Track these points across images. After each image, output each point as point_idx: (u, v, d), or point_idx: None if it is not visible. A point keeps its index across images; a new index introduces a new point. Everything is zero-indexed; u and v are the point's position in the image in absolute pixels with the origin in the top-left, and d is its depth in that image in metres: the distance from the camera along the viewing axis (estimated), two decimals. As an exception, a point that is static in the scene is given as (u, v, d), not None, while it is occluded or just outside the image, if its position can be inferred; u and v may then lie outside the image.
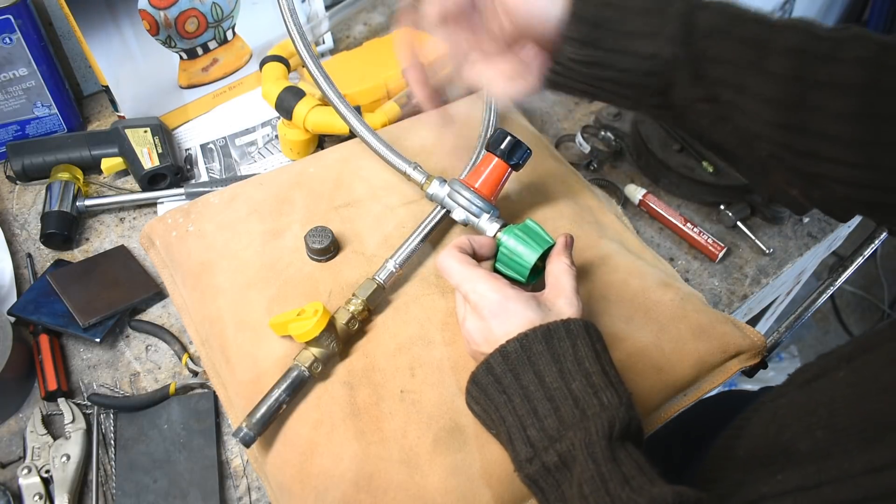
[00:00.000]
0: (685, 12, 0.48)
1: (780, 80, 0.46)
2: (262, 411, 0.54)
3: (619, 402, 0.46)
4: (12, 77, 0.81)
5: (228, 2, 0.89)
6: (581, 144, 0.87)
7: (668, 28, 0.48)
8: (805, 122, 0.46)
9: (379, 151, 0.68)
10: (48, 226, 0.77)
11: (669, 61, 0.48)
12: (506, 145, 0.60)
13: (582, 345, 0.48)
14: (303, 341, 0.56)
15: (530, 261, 0.57)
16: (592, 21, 0.49)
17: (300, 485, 0.54)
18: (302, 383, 0.56)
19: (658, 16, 0.48)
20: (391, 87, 0.88)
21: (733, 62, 0.47)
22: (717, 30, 0.48)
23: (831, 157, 0.46)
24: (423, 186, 0.65)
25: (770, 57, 0.46)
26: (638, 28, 0.49)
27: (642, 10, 0.49)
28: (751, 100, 0.47)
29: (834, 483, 0.38)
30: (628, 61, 0.49)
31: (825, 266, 1.91)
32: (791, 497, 0.41)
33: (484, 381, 0.49)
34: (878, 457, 0.37)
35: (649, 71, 0.49)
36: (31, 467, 0.62)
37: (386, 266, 0.61)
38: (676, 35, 0.48)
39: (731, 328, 0.63)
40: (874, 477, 0.37)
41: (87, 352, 0.71)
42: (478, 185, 0.62)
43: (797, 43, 0.46)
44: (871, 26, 2.26)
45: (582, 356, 0.48)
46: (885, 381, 0.42)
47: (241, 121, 0.93)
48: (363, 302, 0.59)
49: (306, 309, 0.57)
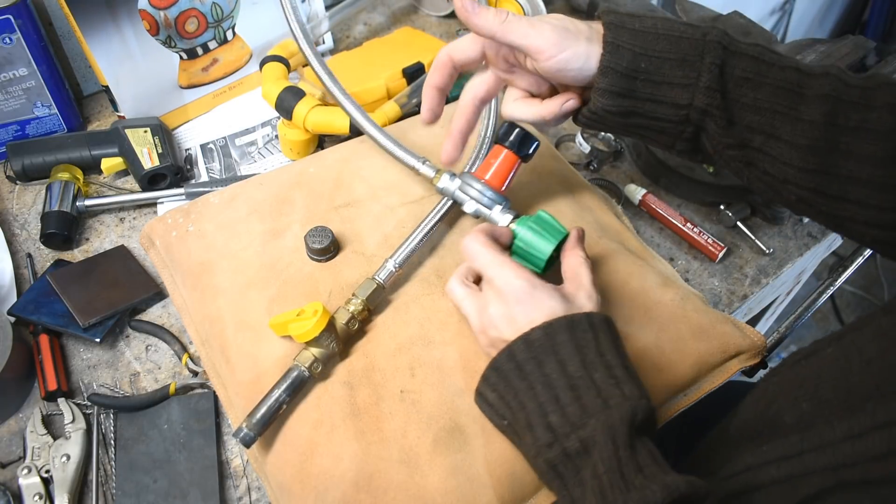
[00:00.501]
0: (720, 62, 0.49)
1: (812, 126, 0.47)
2: (262, 411, 0.54)
3: (640, 395, 0.46)
4: (12, 77, 0.81)
5: (228, 2, 0.89)
6: (581, 144, 0.88)
7: (703, 78, 0.49)
8: (835, 167, 0.48)
9: (387, 147, 0.68)
10: (48, 226, 0.77)
11: (703, 110, 0.49)
12: (515, 136, 0.61)
13: (604, 338, 0.48)
14: (303, 341, 0.56)
15: (546, 252, 0.58)
16: (628, 73, 0.50)
17: (300, 485, 0.54)
18: (302, 383, 0.56)
19: (693, 65, 0.49)
20: (391, 87, 0.88)
21: (767, 109, 0.49)
22: (751, 78, 0.49)
23: (860, 199, 0.48)
24: (432, 181, 0.65)
25: (803, 104, 0.48)
26: (673, 78, 0.50)
27: (678, 61, 0.49)
28: (782, 145, 0.49)
29: (815, 451, 0.39)
30: (663, 110, 0.50)
31: (825, 266, 1.91)
32: (774, 465, 0.42)
33: (506, 367, 0.49)
34: (857, 424, 0.38)
35: (683, 119, 0.51)
36: (31, 467, 0.62)
37: (386, 266, 0.61)
38: (712, 84, 0.49)
39: (731, 328, 0.63)
40: (853, 443, 0.37)
41: (87, 352, 0.71)
42: (488, 177, 0.62)
43: (830, 90, 0.48)
44: (870, 26, 2.26)
45: (604, 349, 0.48)
46: (869, 354, 0.43)
47: (241, 121, 0.93)
48: (363, 302, 0.59)
49: (306, 309, 0.57)
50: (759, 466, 0.43)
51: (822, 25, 2.33)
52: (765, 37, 0.77)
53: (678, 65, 0.49)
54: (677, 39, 0.50)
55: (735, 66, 0.49)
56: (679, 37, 0.50)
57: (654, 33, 0.50)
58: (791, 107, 0.48)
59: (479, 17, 0.52)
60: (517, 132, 0.61)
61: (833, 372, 0.45)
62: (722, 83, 0.49)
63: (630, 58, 0.50)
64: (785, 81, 0.49)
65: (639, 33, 0.50)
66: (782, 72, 0.49)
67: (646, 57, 0.50)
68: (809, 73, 0.49)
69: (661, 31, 0.50)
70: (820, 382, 0.45)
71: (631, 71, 0.50)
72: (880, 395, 0.39)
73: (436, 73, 0.58)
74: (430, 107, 0.61)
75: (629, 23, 0.51)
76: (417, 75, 0.88)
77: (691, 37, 0.50)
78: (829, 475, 0.38)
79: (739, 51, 0.50)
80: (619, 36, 0.50)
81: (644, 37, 0.50)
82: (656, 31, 0.50)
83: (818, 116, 0.47)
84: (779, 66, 0.49)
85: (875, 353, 0.43)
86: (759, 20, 1.66)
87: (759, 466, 0.43)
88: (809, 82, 0.49)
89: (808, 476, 0.39)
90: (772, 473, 0.42)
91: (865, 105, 0.47)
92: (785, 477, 0.41)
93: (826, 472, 0.38)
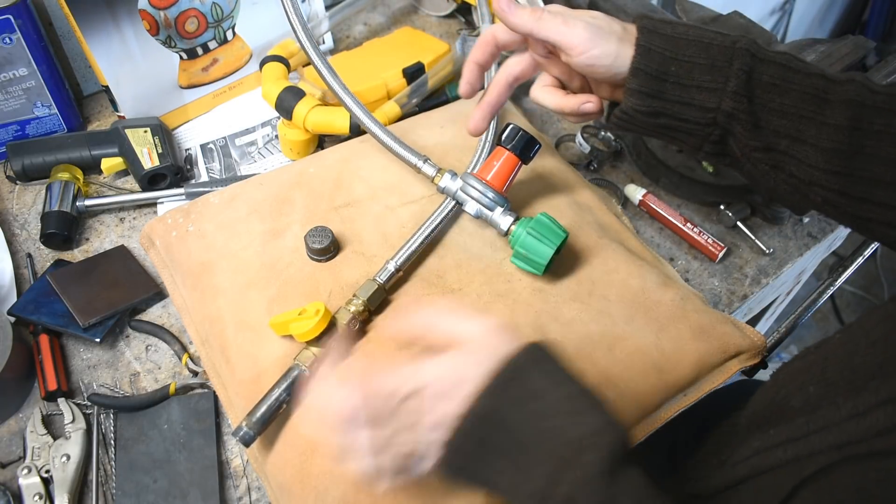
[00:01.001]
0: (748, 68, 0.50)
1: (838, 129, 0.49)
2: (262, 410, 0.54)
3: (607, 423, 0.41)
4: (12, 77, 0.81)
5: (228, 2, 0.89)
6: (581, 144, 0.88)
7: (731, 83, 0.50)
8: (860, 170, 0.49)
9: (389, 146, 0.69)
10: (48, 226, 0.77)
11: (730, 113, 0.51)
12: (518, 139, 0.62)
13: (539, 377, 0.43)
14: (303, 341, 0.56)
15: (546, 256, 0.59)
16: (657, 75, 0.52)
17: (300, 485, 0.54)
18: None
19: (722, 71, 0.51)
20: (391, 87, 0.88)
21: (793, 114, 0.50)
22: (778, 84, 0.50)
23: (884, 201, 0.49)
24: (433, 180, 0.66)
25: (829, 109, 0.49)
26: (702, 82, 0.51)
27: (707, 67, 0.51)
28: (808, 148, 0.50)
29: (821, 431, 0.40)
30: (691, 112, 0.52)
31: (825, 266, 1.91)
32: (781, 448, 0.42)
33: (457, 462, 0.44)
34: (861, 402, 0.39)
35: (711, 122, 0.52)
36: (31, 467, 0.62)
37: (387, 267, 0.61)
38: (739, 89, 0.50)
39: (731, 328, 0.63)
40: (857, 421, 0.38)
41: (87, 352, 0.71)
42: (489, 178, 0.63)
43: (855, 95, 0.49)
44: (870, 26, 2.26)
45: (542, 390, 0.43)
46: (874, 336, 0.44)
47: (240, 121, 0.93)
48: (364, 303, 0.59)
49: (307, 309, 0.57)
50: (767, 450, 0.44)
51: (822, 25, 2.33)
52: (765, 37, 0.77)
53: (707, 70, 0.51)
54: (707, 46, 0.51)
55: (763, 72, 0.51)
56: (709, 43, 0.52)
57: (684, 39, 0.52)
58: (817, 112, 0.50)
59: (516, 16, 0.55)
60: (520, 135, 0.62)
61: (839, 355, 0.46)
62: (749, 88, 0.50)
63: (660, 60, 0.51)
64: (811, 87, 0.50)
65: (670, 38, 0.52)
66: (808, 78, 0.50)
67: (676, 61, 0.51)
68: (835, 79, 0.51)
69: (692, 37, 0.52)
70: (827, 366, 0.46)
71: (661, 73, 0.52)
72: (883, 375, 0.40)
73: (479, 49, 0.61)
74: (468, 80, 0.62)
75: (662, 28, 0.52)
76: (417, 75, 0.88)
77: (721, 44, 0.51)
78: (834, 453, 0.38)
79: (767, 58, 0.51)
80: (651, 40, 0.52)
81: (675, 42, 0.52)
82: (687, 37, 0.52)
83: (843, 120, 0.49)
84: (805, 72, 0.51)
85: (880, 335, 0.43)
86: (759, 20, 1.65)
87: (767, 450, 0.44)
88: (835, 88, 0.50)
89: (815, 456, 0.40)
90: (778, 456, 0.42)
91: (890, 110, 0.48)
92: (792, 458, 0.41)
93: (831, 451, 0.39)
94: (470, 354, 0.44)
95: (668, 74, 0.52)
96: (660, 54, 0.52)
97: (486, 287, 0.63)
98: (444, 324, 0.46)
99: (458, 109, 0.81)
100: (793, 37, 2.11)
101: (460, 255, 0.65)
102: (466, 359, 0.43)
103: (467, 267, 0.64)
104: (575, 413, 0.42)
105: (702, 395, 0.61)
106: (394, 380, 0.44)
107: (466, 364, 0.43)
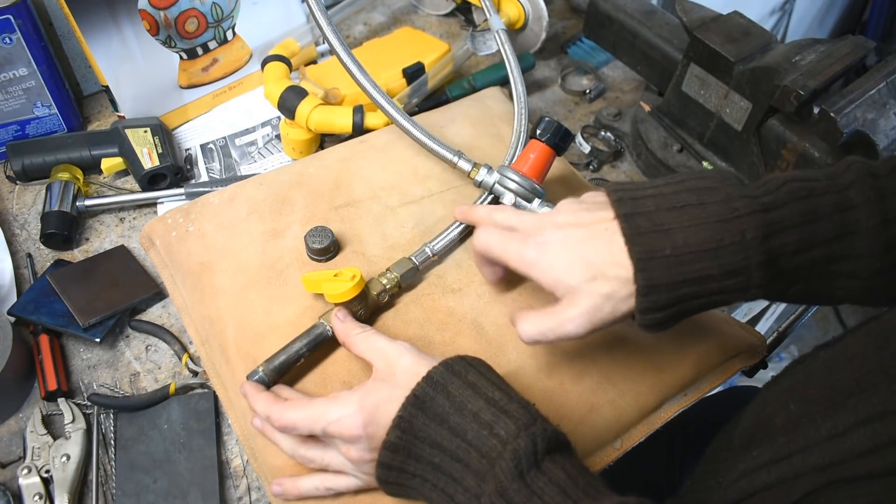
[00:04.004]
0: (766, 257, 0.45)
1: (871, 258, 0.45)
2: (282, 360, 0.55)
3: (518, 428, 0.43)
4: (12, 77, 0.81)
5: (228, 2, 0.89)
6: (581, 144, 0.88)
7: (754, 277, 0.45)
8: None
9: (423, 142, 0.69)
10: (48, 226, 0.77)
11: (760, 286, 0.46)
12: (554, 132, 0.63)
13: (455, 390, 0.46)
14: (334, 302, 0.57)
15: None
16: (669, 303, 0.46)
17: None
18: (323, 341, 0.57)
19: (741, 272, 0.45)
20: (391, 87, 0.88)
21: (822, 261, 0.46)
22: (801, 249, 0.46)
23: None
24: (469, 174, 0.66)
25: (857, 241, 0.45)
26: (723, 288, 0.46)
27: (723, 275, 0.45)
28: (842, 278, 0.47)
29: (802, 452, 0.39)
30: (718, 301, 0.47)
31: (825, 266, 1.91)
32: (765, 470, 0.41)
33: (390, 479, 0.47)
34: (840, 422, 0.38)
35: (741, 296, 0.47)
36: (31, 467, 0.62)
37: (424, 250, 0.63)
38: (765, 280, 0.45)
39: (730, 328, 0.63)
40: (837, 442, 0.37)
41: (87, 352, 0.71)
42: (525, 170, 0.64)
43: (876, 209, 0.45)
44: (870, 26, 2.26)
45: (462, 400, 0.45)
46: (853, 352, 0.43)
47: (241, 121, 0.93)
48: (397, 278, 0.60)
49: (343, 272, 0.57)
50: (752, 472, 0.42)
51: (822, 25, 2.33)
52: (765, 37, 0.76)
53: (725, 276, 0.45)
54: (715, 252, 0.45)
55: (783, 245, 0.45)
56: (717, 248, 0.45)
57: (688, 253, 0.45)
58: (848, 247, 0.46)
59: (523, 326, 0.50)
60: (555, 126, 0.63)
61: (820, 372, 0.45)
62: (776, 268, 0.46)
63: (668, 292, 0.45)
64: (833, 228, 0.46)
65: (672, 260, 0.45)
66: (828, 221, 0.45)
67: (686, 283, 0.45)
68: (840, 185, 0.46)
69: (695, 246, 0.45)
70: (809, 383, 0.45)
71: (674, 300, 0.46)
72: (860, 391, 0.39)
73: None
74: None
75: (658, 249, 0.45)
76: (417, 75, 0.88)
77: (731, 242, 0.45)
78: (818, 476, 0.37)
79: (783, 227, 0.45)
80: (652, 273, 0.45)
81: (678, 262, 0.45)
82: (689, 248, 0.45)
83: (875, 247, 0.45)
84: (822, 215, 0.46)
85: (858, 351, 0.42)
86: (759, 20, 1.65)
87: (752, 472, 0.42)
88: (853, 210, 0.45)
89: (800, 478, 0.38)
90: (763, 479, 0.41)
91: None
92: (776, 481, 0.40)
93: (816, 473, 0.37)
94: (383, 383, 0.48)
95: (682, 295, 0.46)
96: (665, 286, 0.45)
97: (486, 287, 0.63)
98: (370, 352, 0.52)
99: (459, 109, 0.82)
100: (793, 37, 2.11)
101: (460, 254, 0.66)
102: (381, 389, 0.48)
103: (467, 267, 0.64)
104: (487, 425, 0.44)
105: (702, 394, 0.61)
106: (309, 414, 0.49)
107: (379, 394, 0.48)
